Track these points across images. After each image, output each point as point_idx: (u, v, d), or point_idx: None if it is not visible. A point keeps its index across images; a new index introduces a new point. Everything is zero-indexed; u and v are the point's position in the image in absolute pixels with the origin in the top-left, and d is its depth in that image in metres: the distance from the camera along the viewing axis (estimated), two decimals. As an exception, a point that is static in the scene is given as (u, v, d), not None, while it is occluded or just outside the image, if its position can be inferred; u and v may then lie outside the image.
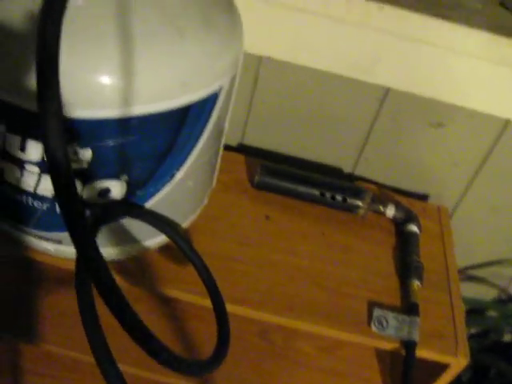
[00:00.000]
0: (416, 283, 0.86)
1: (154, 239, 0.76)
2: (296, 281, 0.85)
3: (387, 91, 0.96)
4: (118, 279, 0.77)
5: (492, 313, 1.33)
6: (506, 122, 0.98)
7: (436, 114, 0.99)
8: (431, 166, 1.07)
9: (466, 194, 1.11)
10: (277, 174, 0.95)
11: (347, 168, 1.10)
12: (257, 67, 0.96)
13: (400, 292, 0.87)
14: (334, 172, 1.10)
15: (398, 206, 0.96)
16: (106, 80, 0.53)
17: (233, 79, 0.65)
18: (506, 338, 1.38)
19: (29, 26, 0.52)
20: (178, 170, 0.67)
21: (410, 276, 0.87)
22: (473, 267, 1.24)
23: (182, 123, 0.61)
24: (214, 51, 0.60)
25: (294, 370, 1.00)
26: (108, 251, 0.73)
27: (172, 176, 0.67)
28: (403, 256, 0.91)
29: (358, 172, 1.10)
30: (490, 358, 1.30)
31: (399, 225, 0.97)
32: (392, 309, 0.84)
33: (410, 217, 0.96)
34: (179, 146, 0.64)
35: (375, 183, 1.10)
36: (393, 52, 0.90)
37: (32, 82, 0.52)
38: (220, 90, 0.62)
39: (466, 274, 1.26)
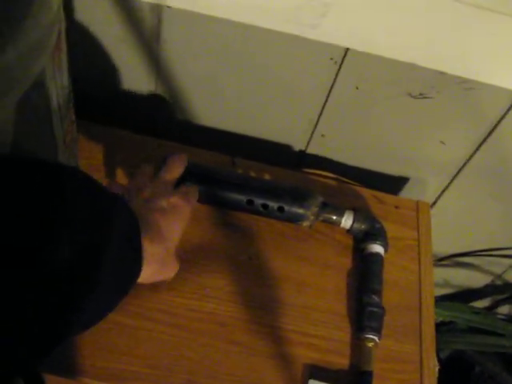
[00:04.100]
0: (372, 339, 0.61)
1: None
2: (207, 337, 0.60)
3: (345, 52, 0.67)
4: None
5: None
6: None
7: (417, 83, 0.70)
8: (411, 145, 0.79)
9: (457, 176, 0.83)
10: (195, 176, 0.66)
11: (298, 145, 0.82)
12: (157, 22, 0.67)
13: (350, 349, 0.63)
14: (283, 151, 0.82)
15: (357, 213, 0.69)
16: None
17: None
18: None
19: None
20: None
21: (364, 328, 0.62)
22: (465, 254, 0.99)
23: None
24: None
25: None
26: None
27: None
28: (359, 292, 0.66)
29: (312, 150, 0.82)
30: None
31: (358, 241, 0.70)
32: (335, 379, 0.60)
33: (373, 230, 0.69)
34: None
35: (336, 164, 0.83)
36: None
37: None
38: None
39: (456, 261, 1.01)
